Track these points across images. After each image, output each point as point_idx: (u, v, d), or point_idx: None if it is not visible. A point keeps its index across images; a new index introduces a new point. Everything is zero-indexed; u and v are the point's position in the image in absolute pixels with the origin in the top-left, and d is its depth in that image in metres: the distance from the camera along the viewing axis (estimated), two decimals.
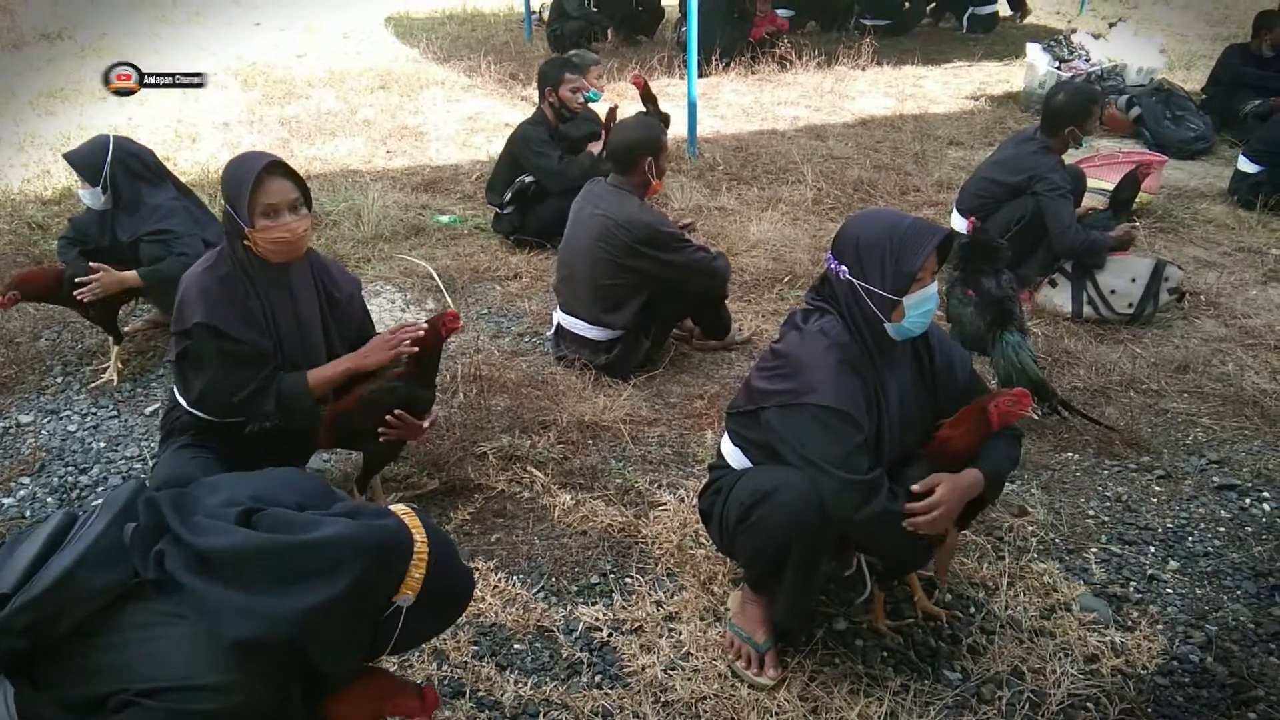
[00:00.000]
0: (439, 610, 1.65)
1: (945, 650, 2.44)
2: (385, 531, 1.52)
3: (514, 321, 4.34)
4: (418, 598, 1.54)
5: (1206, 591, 2.68)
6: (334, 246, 5.04)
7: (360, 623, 1.52)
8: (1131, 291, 4.27)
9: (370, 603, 1.52)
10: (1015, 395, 2.13)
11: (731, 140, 7.12)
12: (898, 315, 2.15)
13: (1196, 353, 4.01)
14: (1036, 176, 4.25)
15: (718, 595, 2.59)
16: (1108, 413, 3.57)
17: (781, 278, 4.73)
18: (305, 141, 7.06)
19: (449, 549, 1.65)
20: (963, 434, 2.19)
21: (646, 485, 3.09)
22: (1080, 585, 2.67)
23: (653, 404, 3.65)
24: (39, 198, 5.79)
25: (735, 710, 2.22)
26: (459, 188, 6.14)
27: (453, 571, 1.63)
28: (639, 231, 3.62)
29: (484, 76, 8.91)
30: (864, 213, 2.29)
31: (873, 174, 6.27)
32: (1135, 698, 2.28)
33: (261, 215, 2.47)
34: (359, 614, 1.51)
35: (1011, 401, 2.13)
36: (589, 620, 2.50)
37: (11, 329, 4.11)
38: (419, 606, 1.56)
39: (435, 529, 1.64)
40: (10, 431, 3.42)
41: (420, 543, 1.55)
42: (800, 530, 2.13)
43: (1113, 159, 5.89)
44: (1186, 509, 3.05)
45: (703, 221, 5.40)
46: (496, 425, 3.40)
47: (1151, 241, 5.20)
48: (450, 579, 1.62)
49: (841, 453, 2.07)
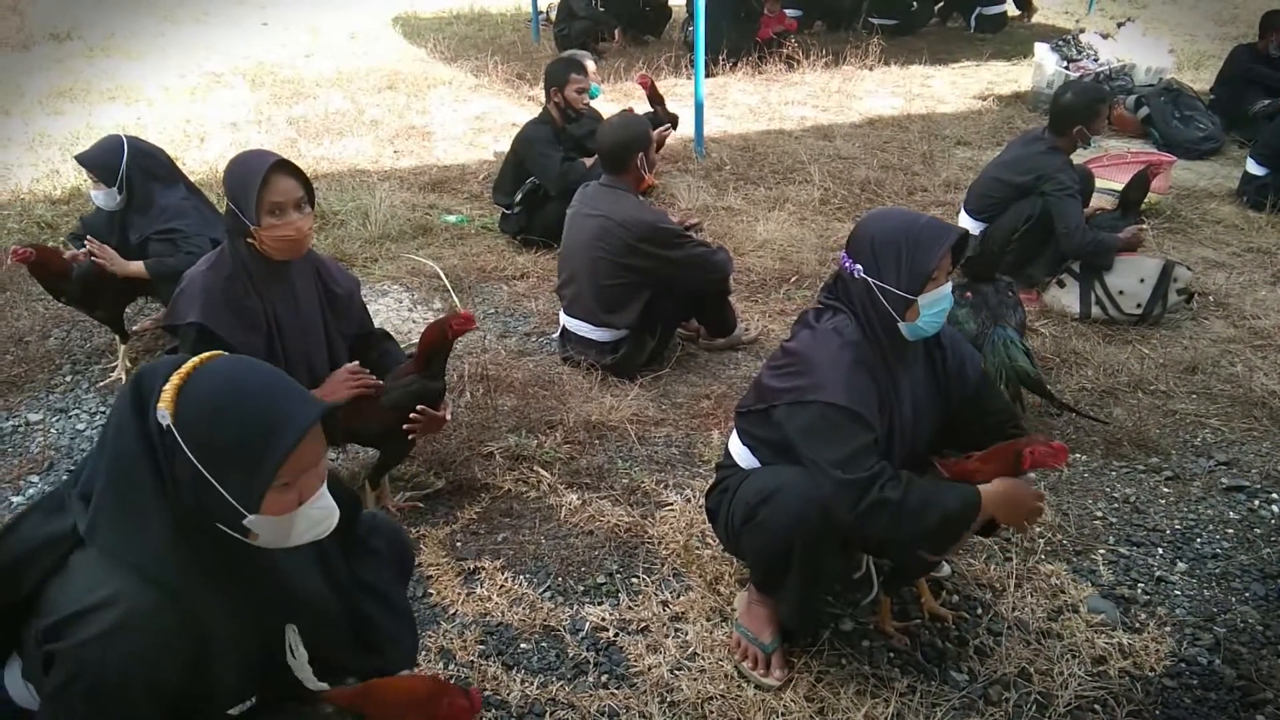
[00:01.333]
0: (219, 457, 1.37)
1: (952, 651, 2.43)
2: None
3: (521, 321, 4.34)
4: (178, 420, 1.36)
5: (1215, 593, 2.67)
6: (341, 246, 5.05)
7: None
8: (1140, 292, 4.25)
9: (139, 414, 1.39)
10: (1053, 448, 2.08)
11: (739, 140, 7.11)
12: (912, 314, 2.14)
13: (1205, 354, 4.00)
14: (1044, 176, 4.24)
15: (724, 595, 2.59)
16: (1115, 414, 3.55)
17: (788, 277, 4.72)
18: (313, 141, 7.07)
19: (237, 391, 1.39)
20: (991, 470, 2.15)
21: (653, 485, 3.09)
22: (1088, 587, 2.66)
23: (659, 404, 3.65)
24: (48, 197, 5.81)
25: (742, 711, 2.21)
26: (466, 187, 6.15)
27: (230, 414, 1.37)
28: (639, 229, 3.62)
29: (491, 76, 8.91)
30: (879, 211, 2.29)
31: (880, 174, 6.26)
32: (1143, 700, 2.27)
33: (267, 214, 2.48)
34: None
35: (1048, 453, 2.07)
36: (595, 620, 2.50)
37: (21, 328, 4.13)
38: (197, 445, 1.36)
39: (244, 369, 1.44)
40: (19, 430, 3.43)
41: (192, 363, 1.40)
42: (803, 530, 2.12)
43: (1121, 159, 5.87)
44: (1195, 510, 3.04)
45: (710, 221, 5.39)
46: (503, 425, 3.41)
47: (1160, 242, 5.19)
48: (224, 422, 1.37)
49: (846, 453, 2.06)
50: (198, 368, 1.40)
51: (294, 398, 1.41)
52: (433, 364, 2.75)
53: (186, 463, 1.36)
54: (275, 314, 2.62)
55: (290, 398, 1.40)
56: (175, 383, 1.37)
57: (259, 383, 1.41)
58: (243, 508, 1.37)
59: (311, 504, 1.43)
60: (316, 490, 1.44)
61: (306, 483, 1.43)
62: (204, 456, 1.35)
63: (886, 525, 2.09)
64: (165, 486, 1.38)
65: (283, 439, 1.35)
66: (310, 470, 1.43)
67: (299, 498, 1.42)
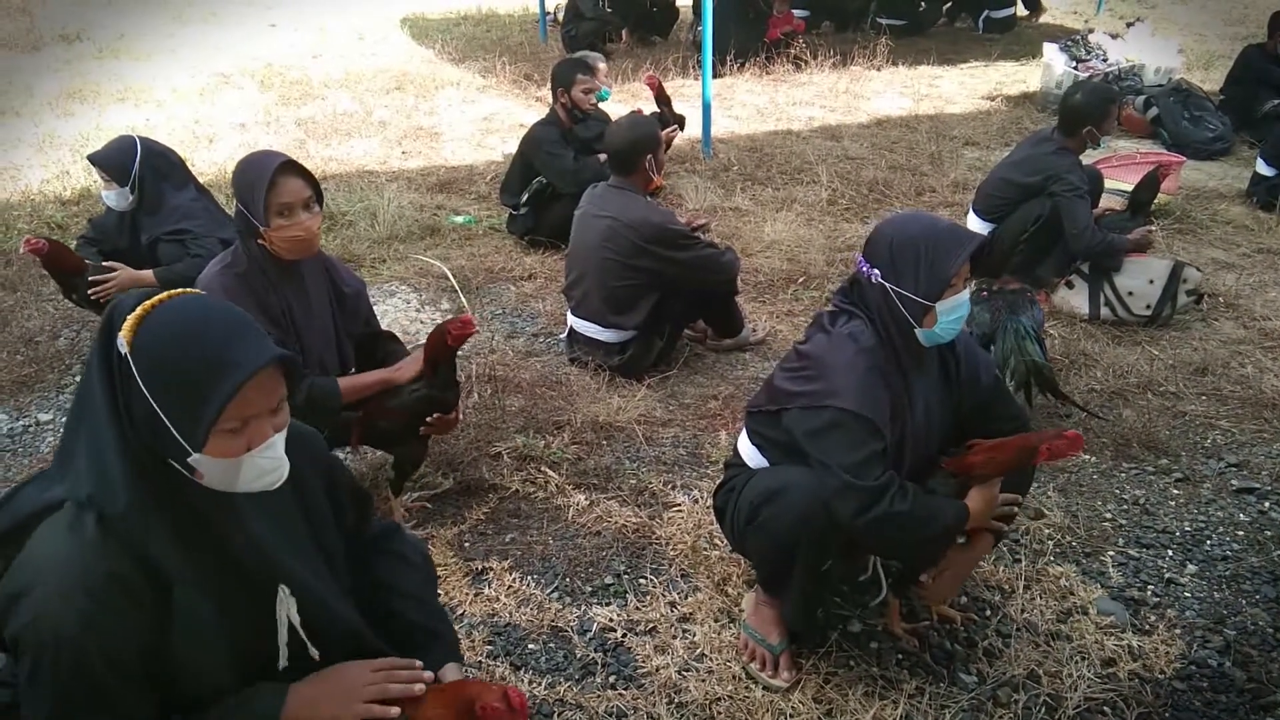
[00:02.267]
0: (168, 390, 1.34)
1: (961, 653, 2.43)
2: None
3: (528, 322, 4.35)
4: (135, 349, 1.34)
5: (1225, 595, 2.66)
6: (350, 247, 5.06)
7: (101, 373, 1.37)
8: (1149, 293, 4.24)
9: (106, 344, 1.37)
10: (1069, 437, 2.06)
11: (746, 141, 7.11)
12: (929, 321, 2.14)
13: (1215, 355, 3.98)
14: (1053, 177, 4.22)
15: (732, 596, 2.59)
16: (1125, 415, 3.54)
17: (796, 278, 4.72)
18: (321, 142, 7.09)
19: (197, 324, 1.36)
20: (997, 464, 2.14)
21: (660, 486, 3.09)
22: (1097, 588, 2.65)
23: (667, 405, 3.65)
24: (58, 198, 5.84)
25: (750, 712, 2.21)
26: (474, 188, 6.16)
27: (183, 348, 1.34)
28: (647, 231, 3.62)
29: (499, 77, 8.93)
30: (898, 216, 2.28)
31: (888, 174, 6.25)
32: (1153, 702, 2.26)
33: (276, 214, 2.50)
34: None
35: (1066, 444, 2.06)
36: (603, 621, 2.50)
37: (31, 328, 4.15)
38: (148, 375, 1.33)
39: (209, 308, 1.41)
40: (30, 430, 3.45)
41: (161, 296, 1.38)
42: (807, 531, 2.12)
43: (1131, 160, 5.85)
44: (1205, 512, 3.03)
45: (717, 222, 5.39)
46: (511, 425, 3.41)
47: (1170, 243, 5.17)
48: (176, 355, 1.34)
49: (856, 459, 2.06)
50: (164, 301, 1.37)
51: (251, 340, 1.37)
52: (439, 371, 2.74)
53: (140, 394, 1.33)
54: (291, 311, 2.64)
55: (247, 340, 1.36)
56: (139, 313, 1.35)
57: (220, 321, 1.37)
58: (188, 445, 1.34)
59: (259, 452, 1.39)
60: (267, 439, 1.40)
61: (257, 429, 1.38)
62: (153, 388, 1.33)
63: (892, 537, 2.12)
64: (120, 419, 1.35)
65: (230, 378, 1.32)
66: (261, 417, 1.39)
67: (247, 444, 1.38)
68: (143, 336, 1.34)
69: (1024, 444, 2.11)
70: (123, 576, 1.34)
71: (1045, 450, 2.07)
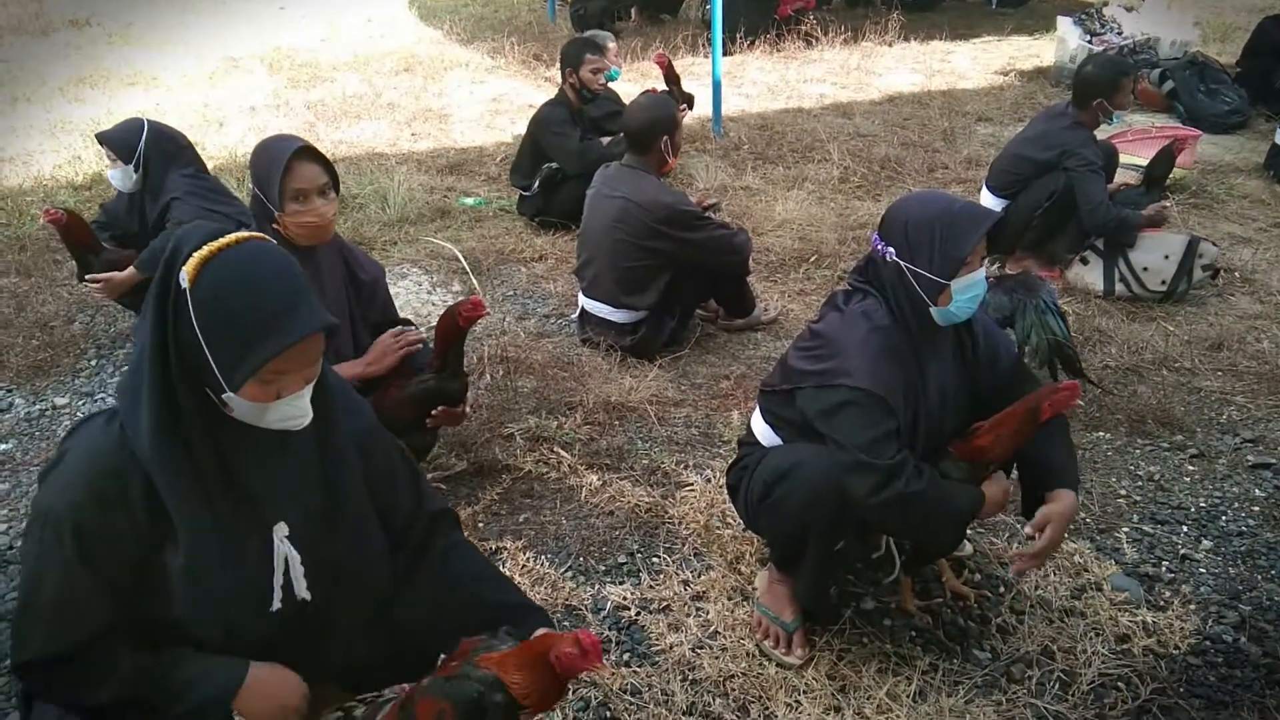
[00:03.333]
0: (220, 333, 1.39)
1: (974, 630, 2.43)
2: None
3: (539, 303, 4.35)
4: (195, 286, 1.38)
5: (1240, 571, 2.65)
6: (360, 230, 5.07)
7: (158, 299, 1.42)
8: (1164, 269, 4.20)
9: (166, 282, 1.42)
10: (1065, 388, 2.06)
11: (757, 119, 7.07)
12: (944, 299, 2.13)
13: (1231, 330, 3.95)
14: (1068, 152, 4.19)
15: (745, 575, 2.60)
16: (1140, 391, 3.52)
17: (808, 257, 4.70)
18: (331, 125, 7.09)
19: (259, 270, 1.41)
20: (1003, 439, 2.12)
21: (673, 466, 3.10)
22: (1111, 565, 2.65)
23: (679, 385, 3.65)
24: (70, 183, 5.86)
25: (763, 688, 2.22)
26: (484, 170, 6.15)
27: (243, 298, 1.38)
28: (659, 212, 3.61)
29: (508, 58, 8.89)
30: (913, 195, 2.27)
31: (900, 152, 6.21)
32: (1167, 677, 2.26)
33: (291, 200, 2.49)
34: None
35: (1065, 396, 2.05)
36: (617, 599, 2.51)
37: (46, 313, 4.17)
38: (203, 315, 1.38)
39: (274, 261, 1.44)
40: (47, 414, 3.48)
41: (229, 239, 1.42)
42: (820, 509, 2.12)
43: (1146, 134, 5.79)
44: (1220, 488, 3.02)
45: (728, 201, 5.37)
46: (523, 406, 3.42)
47: (1185, 217, 5.12)
48: (235, 303, 1.38)
49: (870, 437, 2.06)
50: (233, 245, 1.41)
51: (304, 305, 1.41)
52: (449, 358, 2.74)
53: (189, 328, 1.38)
54: None
55: (301, 304, 1.41)
56: (205, 253, 1.39)
57: (280, 281, 1.42)
58: (225, 384, 1.39)
59: (287, 400, 1.44)
60: (297, 391, 1.45)
61: (291, 382, 1.43)
62: (205, 328, 1.38)
63: (903, 519, 2.11)
64: (165, 345, 1.41)
65: (280, 339, 1.37)
66: (296, 373, 1.44)
67: (278, 393, 1.43)
68: (205, 276, 1.39)
69: (1025, 410, 2.09)
70: (123, 483, 1.43)
71: (1048, 408, 2.07)
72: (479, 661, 1.50)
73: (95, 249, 3.62)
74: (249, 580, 1.52)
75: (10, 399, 3.55)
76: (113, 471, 1.43)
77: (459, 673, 1.49)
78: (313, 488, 1.59)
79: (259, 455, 1.51)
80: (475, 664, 1.50)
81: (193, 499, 1.45)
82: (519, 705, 1.46)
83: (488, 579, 1.79)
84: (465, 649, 1.56)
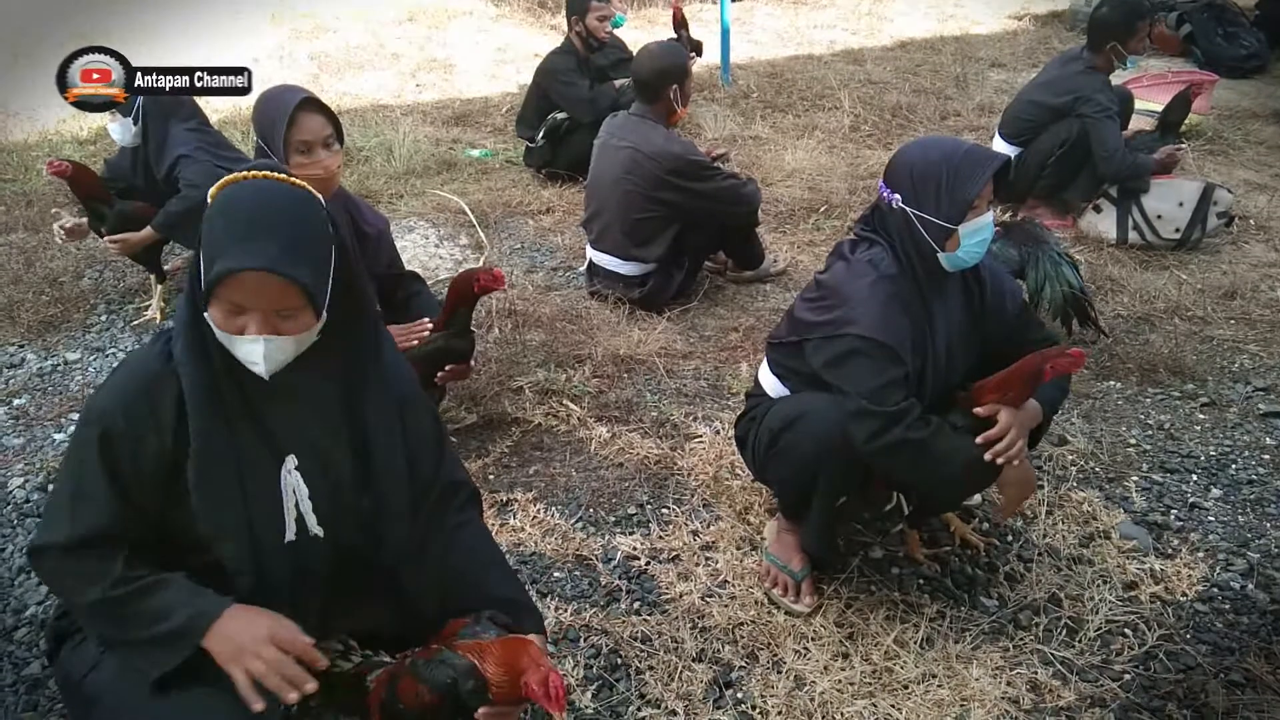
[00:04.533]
0: (202, 247, 1.48)
1: (982, 578, 2.45)
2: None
3: (547, 256, 4.33)
4: (209, 206, 1.49)
5: (1249, 519, 2.65)
6: (366, 183, 5.04)
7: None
8: (1178, 216, 4.16)
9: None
10: (1070, 354, 2.05)
11: (766, 66, 6.97)
12: (952, 245, 2.11)
13: (1244, 278, 3.92)
14: (1082, 98, 4.12)
15: (754, 525, 2.61)
16: (1151, 340, 3.50)
17: (817, 208, 4.66)
18: (335, 76, 7.02)
19: None
20: (1009, 399, 2.11)
21: (682, 418, 3.11)
22: (1120, 513, 2.66)
23: (687, 337, 3.65)
24: (75, 138, 5.84)
25: (772, 635, 2.25)
26: (489, 121, 6.09)
27: (224, 214, 1.46)
28: (668, 162, 3.57)
29: (512, 5, 8.77)
30: (919, 140, 2.24)
31: (912, 99, 6.12)
32: (1174, 624, 2.28)
33: (295, 152, 2.47)
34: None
35: (1068, 362, 2.05)
36: (627, 549, 2.53)
37: (55, 268, 4.18)
38: (201, 231, 1.47)
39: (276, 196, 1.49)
40: (59, 369, 3.49)
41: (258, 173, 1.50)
42: (826, 456, 2.12)
43: (1162, 79, 5.70)
44: (1231, 437, 3.01)
45: (737, 151, 5.31)
46: (532, 360, 3.42)
47: (1201, 164, 5.05)
48: (216, 216, 1.47)
49: (875, 385, 2.05)
50: (255, 176, 1.48)
51: (267, 240, 1.43)
52: (457, 318, 2.74)
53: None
54: None
55: (265, 237, 1.43)
56: (233, 177, 1.48)
57: (261, 212, 1.45)
58: (205, 295, 1.46)
59: (245, 340, 1.47)
60: (252, 334, 1.46)
61: (250, 320, 1.45)
62: (200, 242, 1.47)
63: (906, 466, 2.09)
64: (199, 259, 1.49)
65: (227, 261, 1.40)
66: (255, 313, 1.45)
67: (241, 328, 1.46)
68: (219, 195, 1.48)
69: (1029, 373, 2.08)
70: (154, 396, 1.50)
71: (1050, 370, 2.06)
72: (459, 648, 1.54)
73: (106, 199, 3.62)
74: (260, 504, 1.55)
75: (22, 354, 3.57)
76: (149, 383, 1.51)
77: (439, 657, 1.53)
78: (335, 440, 1.60)
79: (270, 391, 1.54)
80: (455, 649, 1.54)
81: (209, 414, 1.50)
82: (489, 693, 1.50)
83: (493, 567, 1.77)
84: (452, 629, 1.60)
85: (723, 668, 2.16)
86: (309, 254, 1.48)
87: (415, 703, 1.54)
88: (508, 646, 1.53)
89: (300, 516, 1.58)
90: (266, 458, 1.56)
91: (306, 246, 1.48)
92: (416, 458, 1.72)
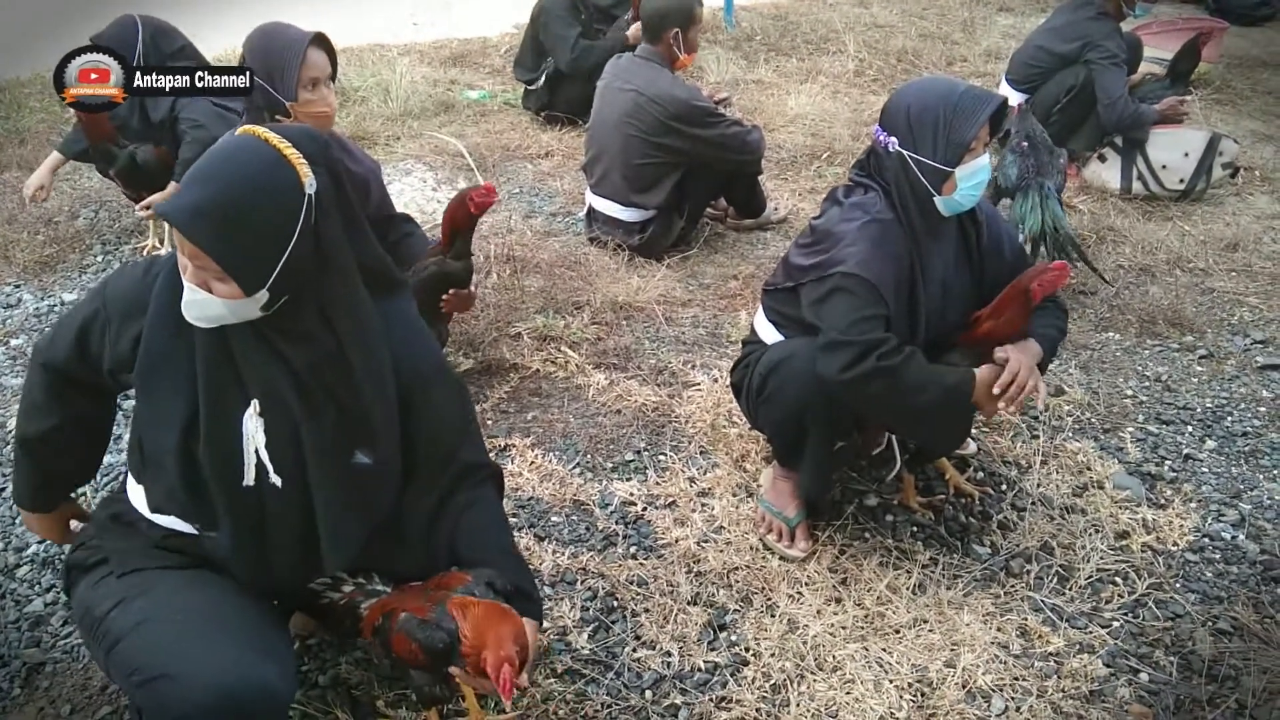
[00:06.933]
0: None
1: (975, 526, 2.47)
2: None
3: (546, 201, 4.29)
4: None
5: (1243, 471, 2.67)
6: (363, 124, 4.98)
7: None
8: (1183, 167, 4.12)
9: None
10: (1055, 268, 2.07)
11: (770, 8, 6.85)
12: (948, 188, 2.09)
13: (1248, 230, 3.90)
14: (1090, 44, 4.06)
15: (750, 472, 2.63)
16: (1151, 292, 3.50)
17: (820, 154, 4.61)
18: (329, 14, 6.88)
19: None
20: (1006, 322, 2.13)
21: (680, 365, 3.11)
22: (1114, 464, 2.67)
23: (686, 285, 3.63)
24: None
25: (766, 580, 2.28)
26: (488, 61, 6.00)
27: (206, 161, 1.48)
28: (672, 107, 3.52)
29: None
30: (915, 82, 2.20)
31: (918, 43, 6.03)
32: (1164, 573, 2.30)
33: (304, 88, 2.44)
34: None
35: (1054, 275, 2.06)
36: (624, 495, 2.55)
37: (49, 208, 4.14)
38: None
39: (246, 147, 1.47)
40: (55, 309, 3.48)
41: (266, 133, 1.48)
42: (811, 398, 2.13)
43: (1172, 26, 5.60)
44: (1227, 389, 3.02)
45: (739, 95, 5.24)
46: (530, 306, 3.41)
47: (1208, 113, 4.99)
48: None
49: (852, 319, 2.03)
50: (248, 133, 1.48)
51: (195, 192, 1.42)
52: (457, 242, 2.71)
53: None
54: None
55: (197, 189, 1.42)
56: (254, 129, 1.49)
57: (207, 168, 1.45)
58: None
59: (185, 285, 1.46)
60: (190, 282, 1.45)
61: (190, 266, 1.44)
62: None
63: (880, 396, 2.04)
64: None
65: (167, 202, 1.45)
66: (187, 259, 1.44)
67: (184, 268, 1.47)
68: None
69: (1017, 292, 2.10)
70: (143, 298, 1.58)
71: (1037, 289, 2.08)
72: (453, 604, 1.56)
73: (116, 140, 3.57)
74: (216, 442, 1.54)
75: (19, 294, 3.55)
76: (144, 285, 1.59)
77: (434, 617, 1.56)
78: (307, 399, 1.55)
79: (246, 339, 1.52)
80: (448, 607, 1.56)
81: (163, 335, 1.54)
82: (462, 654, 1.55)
83: (502, 552, 1.75)
84: (450, 582, 1.63)
85: (717, 611, 2.19)
86: (234, 224, 1.40)
87: (407, 655, 1.59)
88: (489, 613, 1.54)
89: (262, 464, 1.55)
90: (232, 399, 1.53)
91: (236, 215, 1.40)
92: (436, 436, 1.69)
